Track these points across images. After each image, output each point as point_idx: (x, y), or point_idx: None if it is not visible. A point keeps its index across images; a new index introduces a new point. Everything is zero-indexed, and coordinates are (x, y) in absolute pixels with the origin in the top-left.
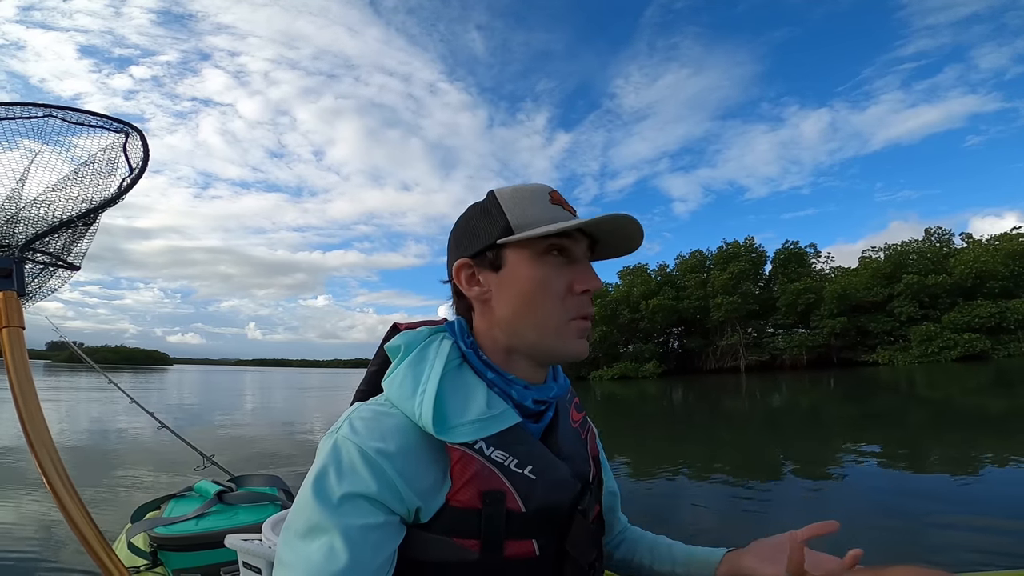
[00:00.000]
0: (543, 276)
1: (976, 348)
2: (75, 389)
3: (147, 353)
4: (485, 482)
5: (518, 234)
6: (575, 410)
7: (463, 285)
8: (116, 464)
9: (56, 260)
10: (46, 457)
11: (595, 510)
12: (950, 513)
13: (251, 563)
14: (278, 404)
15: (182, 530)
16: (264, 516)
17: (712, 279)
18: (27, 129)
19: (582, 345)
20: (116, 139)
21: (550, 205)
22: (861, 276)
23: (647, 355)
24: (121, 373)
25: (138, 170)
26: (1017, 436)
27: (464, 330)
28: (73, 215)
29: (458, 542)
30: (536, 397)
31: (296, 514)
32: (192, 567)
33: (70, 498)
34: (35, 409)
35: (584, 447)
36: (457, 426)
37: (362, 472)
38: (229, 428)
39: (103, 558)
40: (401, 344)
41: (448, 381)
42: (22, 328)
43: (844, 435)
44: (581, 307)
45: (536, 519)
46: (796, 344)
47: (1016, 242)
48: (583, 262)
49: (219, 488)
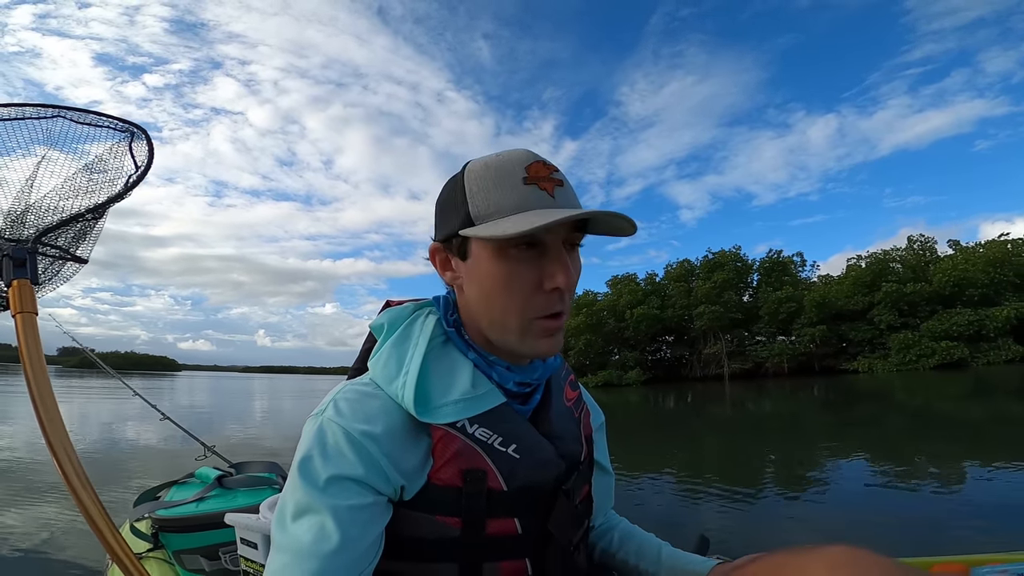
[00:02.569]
0: (507, 272)
1: (954, 356)
2: (85, 390)
3: (155, 359)
4: (466, 461)
5: (476, 228)
6: (569, 388)
7: (438, 269)
8: (121, 457)
9: (66, 253)
10: (59, 442)
11: (583, 490)
12: (921, 511)
13: (248, 538)
14: (278, 406)
15: (183, 512)
16: (262, 498)
17: (696, 288)
18: (38, 129)
19: (547, 344)
20: (122, 139)
21: (522, 186)
22: (842, 284)
23: (631, 363)
24: (129, 377)
25: (143, 168)
26: (977, 445)
27: (449, 306)
28: (82, 210)
29: (440, 519)
30: (518, 379)
31: (287, 497)
32: (192, 547)
33: (80, 484)
34: (48, 394)
35: (577, 425)
36: (440, 406)
37: (348, 455)
38: (228, 425)
39: (111, 542)
40: (384, 323)
41: (432, 359)
42: (35, 314)
43: (811, 440)
44: (549, 305)
45: (518, 498)
46: (777, 352)
47: (999, 248)
48: (555, 254)
49: (219, 473)
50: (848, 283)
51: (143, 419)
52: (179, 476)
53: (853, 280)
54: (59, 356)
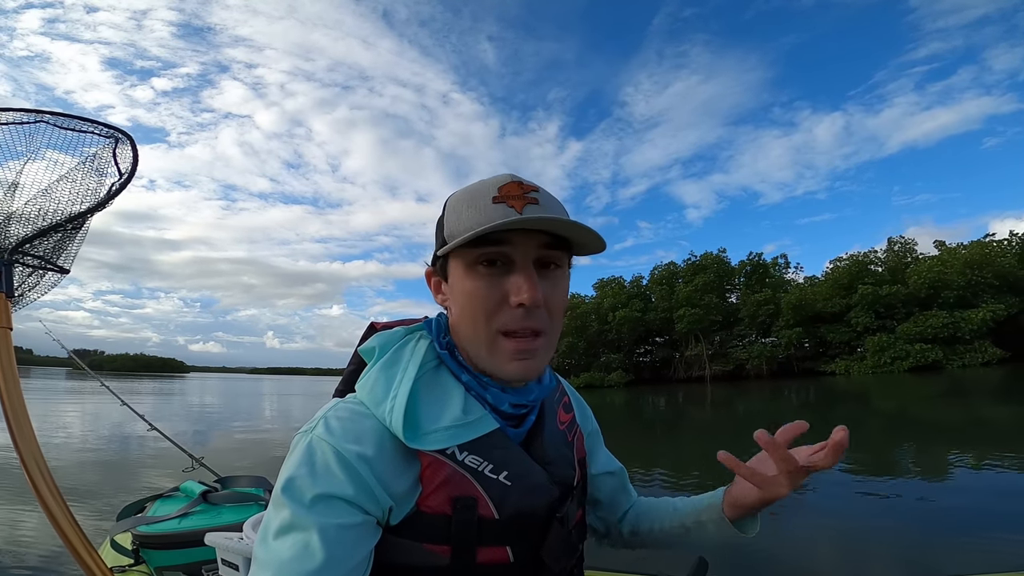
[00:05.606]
0: (472, 289)
1: (928, 359)
2: (80, 393)
3: (164, 361)
4: (456, 488)
5: (447, 246)
6: (563, 411)
7: (432, 291)
8: (107, 465)
9: (46, 263)
10: (31, 458)
11: (577, 515)
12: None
13: (229, 559)
14: (278, 407)
15: (165, 528)
16: (248, 515)
17: (678, 291)
18: (18, 134)
19: (516, 368)
20: (106, 145)
21: (491, 205)
22: (821, 287)
23: (613, 365)
24: (139, 380)
25: (127, 176)
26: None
27: (442, 328)
28: (62, 219)
29: (428, 548)
30: (514, 401)
31: (271, 514)
32: (174, 564)
33: (53, 499)
34: (21, 409)
35: (570, 450)
36: (430, 433)
37: (338, 474)
38: (223, 429)
39: (84, 557)
40: (375, 346)
41: (423, 384)
42: (9, 329)
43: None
44: (513, 320)
45: (510, 526)
46: (756, 355)
47: (979, 250)
48: (520, 270)
49: (204, 488)
50: (827, 285)
51: (133, 422)
52: (164, 489)
53: (832, 282)
54: (68, 359)
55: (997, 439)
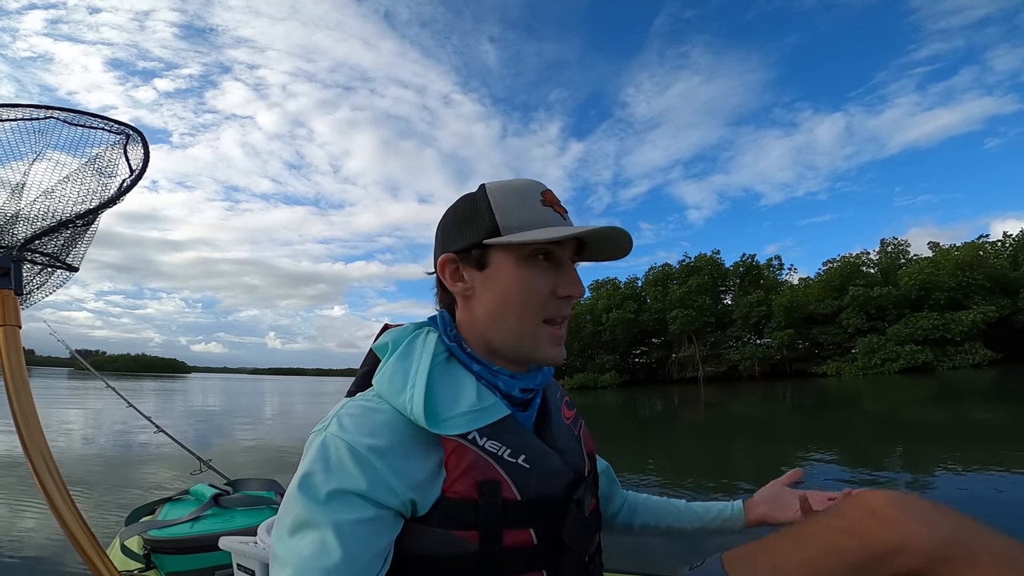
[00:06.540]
0: (528, 279)
1: (918, 360)
2: (83, 392)
3: (166, 361)
4: (481, 472)
5: (506, 237)
6: (566, 407)
7: (447, 280)
8: (116, 467)
9: (55, 261)
10: (39, 458)
11: (591, 503)
12: None
13: (245, 565)
14: (278, 408)
15: (176, 533)
16: (260, 519)
17: (671, 292)
18: (28, 130)
19: (556, 351)
20: (117, 141)
21: (541, 207)
22: (814, 288)
23: (608, 366)
24: (141, 380)
25: (138, 172)
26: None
27: (448, 323)
28: (72, 215)
29: (456, 534)
30: (523, 386)
31: (285, 511)
32: (186, 570)
33: (63, 500)
34: (29, 409)
35: (578, 442)
36: (449, 418)
37: (351, 469)
38: (228, 429)
39: (96, 561)
40: (388, 341)
41: (437, 375)
42: (19, 327)
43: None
44: (560, 310)
45: (532, 508)
46: (748, 356)
47: (971, 251)
48: (568, 266)
49: (215, 491)
50: (819, 287)
51: (139, 423)
52: (173, 492)
53: (824, 284)
54: (71, 359)
55: (985, 442)
